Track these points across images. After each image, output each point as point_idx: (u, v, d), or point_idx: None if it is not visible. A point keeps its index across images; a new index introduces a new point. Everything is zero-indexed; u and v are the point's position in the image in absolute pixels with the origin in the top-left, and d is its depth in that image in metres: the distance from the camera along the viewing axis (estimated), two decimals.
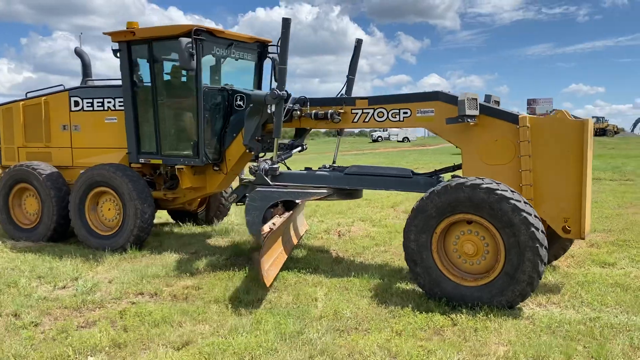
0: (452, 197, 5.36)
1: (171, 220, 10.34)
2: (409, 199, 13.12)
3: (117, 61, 8.33)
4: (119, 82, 8.54)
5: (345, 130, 8.78)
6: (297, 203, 7.57)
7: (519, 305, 5.28)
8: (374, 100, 6.89)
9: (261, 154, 8.09)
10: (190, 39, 7.12)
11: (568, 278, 6.33)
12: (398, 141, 74.04)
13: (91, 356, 4.36)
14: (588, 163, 5.73)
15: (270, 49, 8.72)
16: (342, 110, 7.00)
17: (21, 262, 7.26)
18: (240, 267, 6.86)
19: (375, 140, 72.08)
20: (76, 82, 9.53)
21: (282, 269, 6.62)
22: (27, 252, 7.78)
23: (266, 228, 5.90)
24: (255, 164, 7.20)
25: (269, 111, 7.18)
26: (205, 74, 8.19)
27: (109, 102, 8.55)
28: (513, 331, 4.67)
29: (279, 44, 6.74)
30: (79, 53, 9.62)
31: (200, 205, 9.93)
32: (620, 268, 6.81)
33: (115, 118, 8.48)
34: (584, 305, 5.38)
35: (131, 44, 8.00)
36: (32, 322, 5.08)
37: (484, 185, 5.23)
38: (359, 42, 8.06)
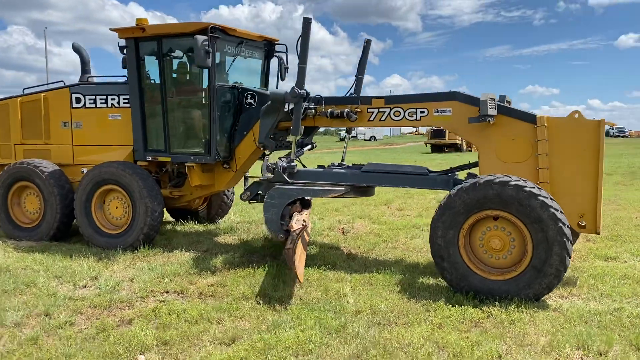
0: (481, 194, 5.53)
1: (170, 219, 10.24)
2: (400, 197, 13.36)
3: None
4: (121, 79, 8.50)
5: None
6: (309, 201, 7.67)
7: (543, 298, 5.49)
8: (391, 100, 7.03)
9: (266, 152, 8.15)
10: (206, 37, 7.10)
11: (579, 272, 6.60)
12: (365, 140, 74.89)
13: (141, 354, 4.35)
14: (602, 161, 5.99)
15: (276, 47, 8.77)
16: (358, 109, 7.11)
17: (31, 261, 7.11)
18: (258, 264, 6.89)
19: (342, 139, 72.48)
20: (33, 78, 9.45)
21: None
22: (34, 252, 7.61)
23: (296, 225, 5.96)
24: (272, 162, 7.23)
25: (285, 109, 7.24)
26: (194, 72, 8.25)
27: (112, 99, 8.42)
28: (547, 322, 4.87)
29: (298, 43, 6.78)
30: (77, 49, 9.44)
31: (202, 204, 9.89)
32: (623, 261, 7.14)
33: (120, 115, 8.37)
34: (604, 297, 5.64)
35: (139, 40, 7.92)
36: (67, 322, 5.02)
37: (513, 183, 5.43)
38: (367, 43, 8.19)
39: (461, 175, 6.99)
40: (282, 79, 8.93)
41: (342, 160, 8.21)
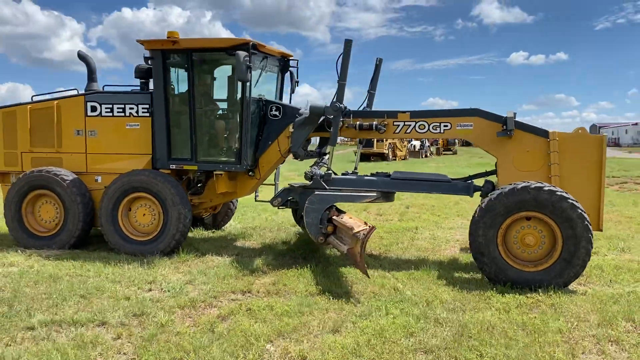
0: (519, 198, 6.45)
1: None
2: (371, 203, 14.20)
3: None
4: (129, 89, 8.75)
5: None
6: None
7: (570, 285, 6.49)
8: (416, 114, 7.83)
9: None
10: (247, 53, 7.55)
11: None
12: None
13: (269, 343, 4.80)
14: (604, 169, 7.13)
15: (289, 62, 9.31)
16: (385, 122, 7.85)
17: (72, 268, 7.19)
18: (298, 265, 7.40)
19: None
20: None
21: (332, 265, 7.46)
22: (66, 260, 7.62)
23: (357, 227, 6.56)
24: (308, 169, 7.80)
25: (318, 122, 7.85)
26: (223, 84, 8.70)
27: (131, 108, 8.58)
28: (587, 304, 5.84)
29: (338, 62, 7.41)
30: (83, 57, 9.44)
31: (215, 210, 10.17)
32: (604, 255, 8.36)
33: (138, 124, 8.55)
34: (613, 283, 6.74)
35: (167, 52, 8.18)
36: (168, 321, 5.32)
37: (547, 188, 6.40)
38: (379, 61, 8.95)
39: (477, 182, 7.92)
40: (293, 92, 9.50)
41: (355, 168, 8.90)
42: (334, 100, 7.55)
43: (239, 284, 6.61)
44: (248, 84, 7.80)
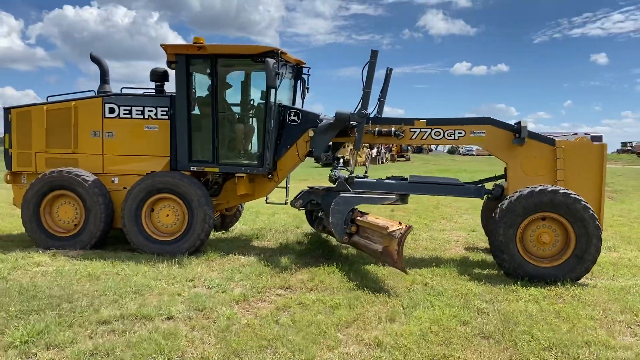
0: (537, 199, 7.07)
1: None
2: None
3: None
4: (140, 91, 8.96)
5: None
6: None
7: (581, 280, 7.14)
8: (432, 122, 8.36)
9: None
10: (274, 60, 7.88)
11: None
12: None
13: (339, 333, 5.17)
14: (604, 174, 7.85)
15: (302, 69, 9.68)
16: (403, 129, 8.35)
17: (107, 267, 7.29)
18: (324, 263, 7.74)
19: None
20: None
21: (355, 263, 7.85)
22: (97, 259, 7.68)
23: (392, 227, 6.98)
24: (332, 173, 8.20)
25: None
26: (237, 89, 9.01)
27: (150, 111, 8.74)
28: (603, 295, 6.49)
29: (364, 71, 7.86)
30: (96, 59, 9.51)
31: (231, 212, 10.39)
32: None
33: (157, 126, 8.72)
34: (616, 277, 7.45)
35: (191, 57, 8.39)
36: (234, 314, 5.58)
37: (562, 191, 7.05)
38: (390, 71, 9.46)
39: (488, 185, 8.53)
40: (303, 98, 9.86)
41: (365, 172, 9.35)
42: (359, 107, 7.99)
43: (277, 280, 6.92)
44: (273, 89, 8.15)
